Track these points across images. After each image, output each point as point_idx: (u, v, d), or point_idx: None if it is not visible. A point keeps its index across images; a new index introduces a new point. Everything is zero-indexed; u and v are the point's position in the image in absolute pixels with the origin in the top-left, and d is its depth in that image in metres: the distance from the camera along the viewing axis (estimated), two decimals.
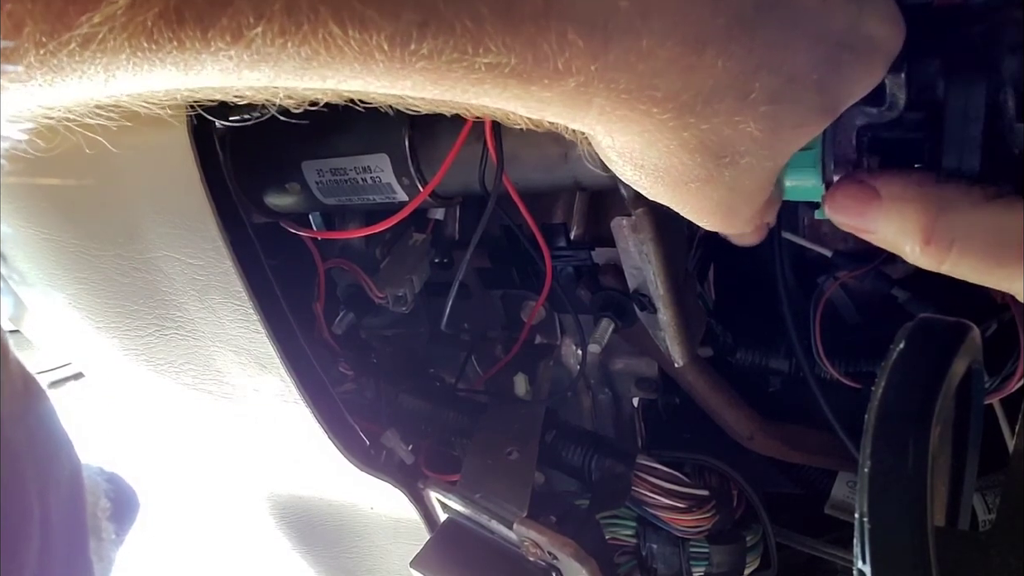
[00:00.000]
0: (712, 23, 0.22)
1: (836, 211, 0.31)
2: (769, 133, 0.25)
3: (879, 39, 0.26)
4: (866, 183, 0.29)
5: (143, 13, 0.16)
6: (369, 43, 0.18)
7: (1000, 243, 0.27)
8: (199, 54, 0.18)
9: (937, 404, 0.24)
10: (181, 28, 0.17)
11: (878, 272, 0.55)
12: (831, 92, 0.26)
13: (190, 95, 0.21)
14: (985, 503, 0.59)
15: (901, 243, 0.29)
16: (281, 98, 0.23)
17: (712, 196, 0.28)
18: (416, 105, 0.24)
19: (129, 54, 0.17)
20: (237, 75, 0.19)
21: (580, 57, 0.21)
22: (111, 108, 0.22)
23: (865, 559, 0.24)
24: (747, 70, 0.23)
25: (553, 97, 0.22)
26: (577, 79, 0.21)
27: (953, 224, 0.27)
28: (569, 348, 0.65)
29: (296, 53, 0.18)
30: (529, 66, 0.20)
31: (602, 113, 0.23)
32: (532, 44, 0.20)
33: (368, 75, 0.20)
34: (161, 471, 0.85)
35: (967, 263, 0.28)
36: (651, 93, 0.22)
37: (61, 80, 0.18)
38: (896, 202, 0.29)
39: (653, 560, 0.59)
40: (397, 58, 0.19)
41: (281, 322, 0.49)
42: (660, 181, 0.28)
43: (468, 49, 0.19)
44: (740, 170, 0.27)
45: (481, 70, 0.20)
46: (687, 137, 0.25)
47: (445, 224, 0.61)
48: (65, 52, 0.17)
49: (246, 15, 0.17)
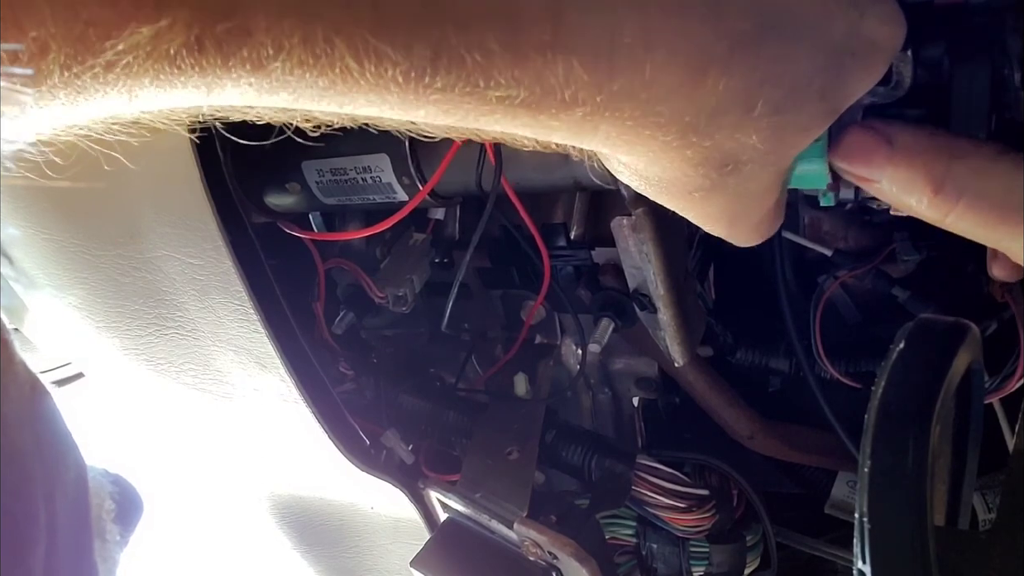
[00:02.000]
0: (714, 47, 0.22)
1: (844, 158, 0.30)
2: (773, 142, 0.25)
3: (879, 40, 0.26)
4: (878, 130, 0.29)
5: (167, 43, 0.17)
6: (384, 76, 0.19)
7: (1007, 200, 0.27)
8: (220, 79, 0.18)
9: (937, 404, 0.24)
10: (203, 56, 0.17)
11: (878, 271, 0.55)
12: (833, 96, 0.26)
13: (212, 113, 0.22)
14: (985, 503, 0.59)
15: (907, 194, 0.28)
16: (299, 121, 0.23)
17: (717, 203, 0.28)
18: (429, 132, 0.24)
19: (152, 77, 0.18)
20: (257, 99, 0.20)
21: (586, 89, 0.21)
22: (131, 123, 0.22)
23: (865, 559, 0.24)
24: (750, 87, 0.23)
25: (560, 125, 0.22)
26: (584, 109, 0.22)
27: (964, 176, 0.27)
28: (569, 348, 0.65)
29: (314, 83, 0.19)
30: (537, 98, 0.21)
31: (608, 138, 0.24)
32: (539, 77, 0.20)
33: (383, 104, 0.20)
34: (161, 471, 0.85)
35: (972, 217, 0.28)
36: (655, 119, 0.23)
37: (84, 100, 0.18)
38: (907, 151, 0.28)
39: (653, 560, 0.59)
40: (411, 91, 0.20)
41: (281, 322, 0.49)
42: (665, 192, 0.28)
43: (480, 83, 0.20)
44: (743, 177, 0.27)
45: (492, 102, 0.21)
46: (690, 155, 0.25)
47: (445, 224, 0.61)
48: (89, 75, 0.17)
49: (266, 47, 0.18)
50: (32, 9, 0.15)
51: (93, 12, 0.16)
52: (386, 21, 0.18)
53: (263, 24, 0.17)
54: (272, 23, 0.17)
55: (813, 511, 0.64)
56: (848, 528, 0.39)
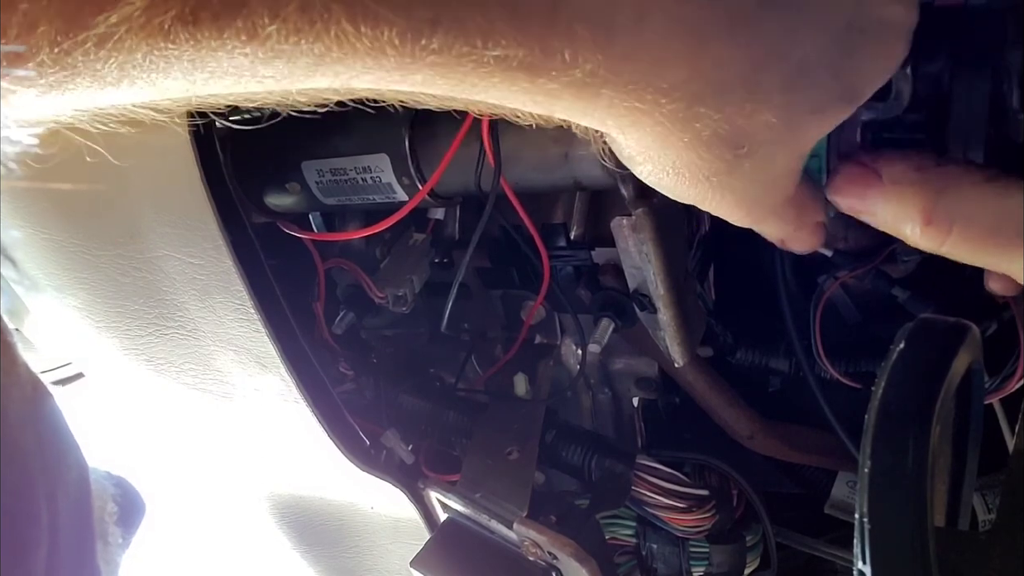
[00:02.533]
0: (713, 15, 0.22)
1: (837, 193, 0.31)
2: (786, 121, 0.25)
3: (891, 19, 0.26)
4: (867, 166, 0.30)
5: (160, 14, 0.17)
6: (381, 39, 0.19)
7: (1000, 225, 0.27)
8: (215, 52, 0.18)
9: (937, 404, 0.24)
10: (198, 28, 0.17)
11: (878, 271, 0.55)
12: (847, 76, 0.26)
13: (201, 102, 0.21)
14: (985, 503, 0.59)
15: (901, 225, 0.29)
16: (293, 99, 0.23)
17: (735, 188, 0.28)
18: (426, 102, 0.24)
19: (145, 52, 0.17)
20: (251, 72, 0.19)
21: (586, 49, 0.21)
22: (119, 118, 0.22)
23: (865, 559, 0.24)
24: (754, 59, 0.23)
25: (561, 89, 0.22)
26: (583, 69, 0.22)
27: (953, 205, 0.28)
28: (569, 348, 0.65)
29: (310, 50, 0.19)
30: (537, 58, 0.21)
31: (611, 105, 0.23)
32: (540, 38, 0.20)
33: (379, 70, 0.20)
34: (161, 471, 0.85)
35: (967, 244, 0.28)
36: (658, 84, 0.23)
37: (73, 82, 0.18)
38: (896, 184, 0.29)
39: (653, 560, 0.59)
40: (408, 53, 0.19)
41: (281, 322, 0.49)
42: (680, 178, 0.28)
43: (478, 43, 0.20)
44: (759, 160, 0.26)
45: (490, 63, 0.20)
46: (699, 128, 0.25)
47: (445, 224, 0.61)
48: (80, 51, 0.17)
49: (261, 15, 0.17)
50: None
51: None
52: None
53: None
54: None
55: (813, 511, 0.64)
56: (848, 528, 0.39)
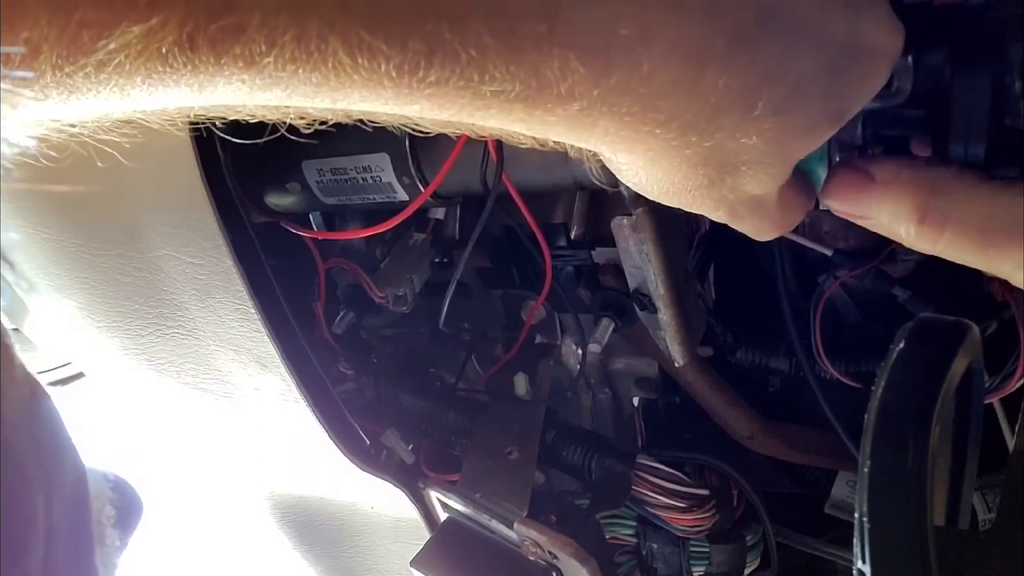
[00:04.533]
0: (712, 43, 0.22)
1: (832, 197, 0.31)
2: (775, 143, 0.25)
3: (878, 45, 0.26)
4: (860, 168, 0.30)
5: (158, 41, 0.17)
6: (378, 71, 0.19)
7: (993, 224, 0.27)
8: (213, 77, 0.18)
9: (937, 403, 0.24)
10: (195, 54, 0.17)
11: (878, 271, 0.55)
12: (836, 99, 0.26)
13: (202, 112, 0.22)
14: (985, 503, 0.59)
15: (896, 226, 0.29)
16: (292, 118, 0.23)
17: (716, 197, 0.28)
18: (424, 127, 0.24)
19: (144, 76, 0.18)
20: (250, 96, 0.20)
21: (583, 83, 0.21)
22: (123, 123, 0.22)
23: (865, 559, 0.24)
24: (750, 85, 0.23)
25: (557, 121, 0.22)
26: (580, 103, 0.21)
27: (947, 204, 0.28)
28: (569, 348, 0.65)
29: (307, 79, 0.19)
30: (533, 92, 0.21)
31: (606, 135, 0.23)
32: (535, 71, 0.20)
33: (377, 100, 0.20)
34: (161, 470, 0.85)
35: (960, 244, 0.28)
36: (654, 115, 0.23)
37: (76, 99, 0.18)
38: (890, 185, 0.29)
39: (653, 560, 0.59)
40: (405, 85, 0.19)
41: (281, 321, 0.49)
42: (665, 192, 0.28)
43: (474, 77, 0.20)
44: (743, 176, 0.27)
45: (487, 96, 0.20)
46: (690, 154, 0.25)
47: (445, 224, 0.61)
48: (81, 75, 0.17)
49: (258, 43, 0.17)
50: (25, 10, 0.15)
51: (87, 13, 0.16)
52: (380, 17, 0.18)
53: (256, 21, 0.17)
54: (266, 20, 0.17)
55: (813, 511, 0.64)
56: (848, 528, 0.39)
